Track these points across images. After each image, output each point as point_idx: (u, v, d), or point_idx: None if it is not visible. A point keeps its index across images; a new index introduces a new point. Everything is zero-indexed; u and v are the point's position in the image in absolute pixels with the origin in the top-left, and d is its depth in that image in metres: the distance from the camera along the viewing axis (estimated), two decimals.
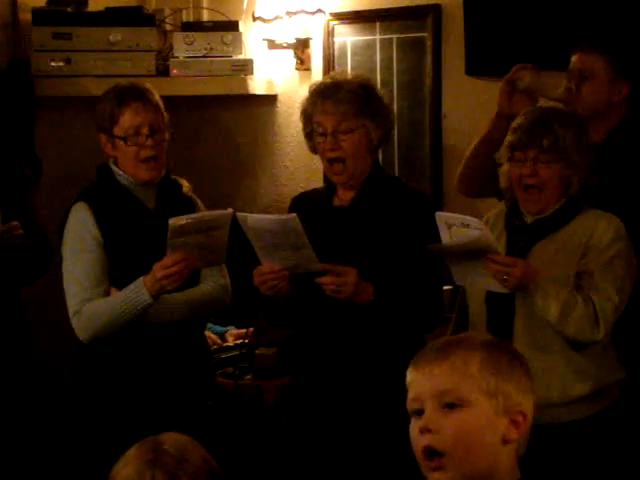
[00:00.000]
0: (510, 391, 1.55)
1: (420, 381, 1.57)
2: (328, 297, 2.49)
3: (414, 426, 1.56)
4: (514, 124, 2.57)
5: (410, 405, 1.58)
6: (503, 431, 1.54)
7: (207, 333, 3.51)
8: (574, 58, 2.96)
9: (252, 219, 2.49)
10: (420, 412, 1.56)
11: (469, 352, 1.57)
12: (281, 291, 2.54)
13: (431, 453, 1.53)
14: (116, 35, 4.08)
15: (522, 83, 2.95)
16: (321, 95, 2.61)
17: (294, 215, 2.44)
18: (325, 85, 2.64)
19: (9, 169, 3.05)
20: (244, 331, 3.75)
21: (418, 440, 1.55)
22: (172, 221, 2.52)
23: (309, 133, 2.67)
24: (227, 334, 3.85)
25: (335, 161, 2.62)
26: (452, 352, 1.57)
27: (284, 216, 2.51)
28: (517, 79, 2.96)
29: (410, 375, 1.60)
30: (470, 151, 3.04)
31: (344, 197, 2.67)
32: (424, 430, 1.54)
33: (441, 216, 2.42)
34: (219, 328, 3.86)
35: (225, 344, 3.79)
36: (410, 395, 1.59)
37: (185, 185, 2.80)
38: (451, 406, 1.53)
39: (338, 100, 2.58)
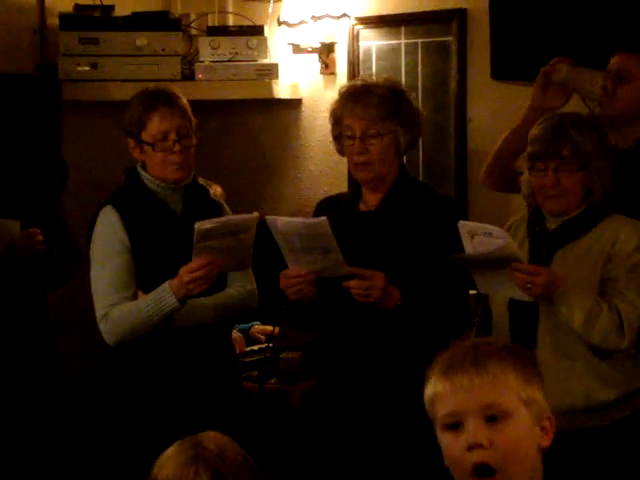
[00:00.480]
0: (539, 398, 1.54)
1: (457, 395, 1.52)
2: (354, 301, 2.49)
3: (456, 442, 1.51)
4: (532, 134, 2.56)
5: (445, 420, 1.53)
6: (538, 439, 1.53)
7: (233, 335, 3.54)
8: (614, 59, 2.94)
9: (282, 222, 2.49)
10: (456, 426, 1.52)
11: (503, 361, 1.53)
12: (307, 295, 2.54)
13: (483, 470, 1.49)
14: (142, 40, 4.11)
15: (558, 76, 2.92)
16: (351, 98, 2.60)
17: (324, 218, 2.44)
18: (355, 88, 2.63)
19: (37, 172, 3.07)
20: (270, 328, 3.75)
21: (465, 457, 1.50)
22: (198, 225, 2.52)
23: (338, 135, 2.67)
24: (252, 330, 3.84)
25: (362, 164, 2.62)
26: (487, 362, 1.52)
27: (314, 219, 2.50)
28: (554, 72, 2.94)
29: (440, 385, 1.54)
30: (500, 143, 3.02)
31: (370, 202, 2.67)
32: (475, 446, 1.49)
33: (464, 225, 2.42)
34: (243, 325, 3.86)
35: (248, 348, 3.78)
36: (444, 409, 1.53)
37: (218, 191, 2.79)
38: (494, 419, 1.50)
39: (368, 104, 2.57)
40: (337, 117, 2.65)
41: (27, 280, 2.98)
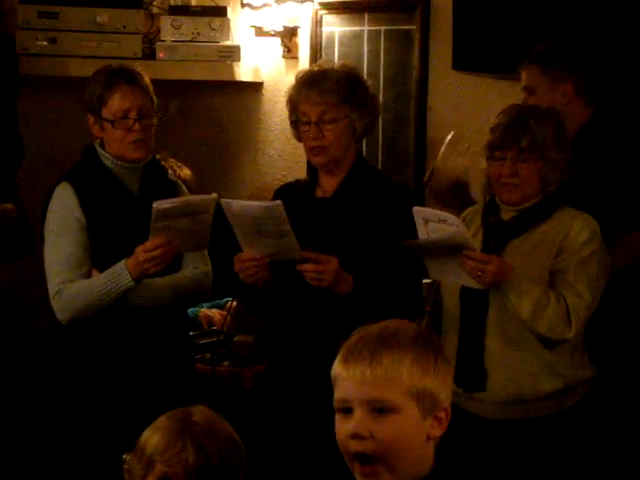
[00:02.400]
0: (436, 389, 1.57)
1: (350, 383, 1.57)
2: (308, 286, 2.50)
3: (342, 426, 1.57)
4: (492, 124, 2.58)
5: (337, 403, 1.59)
6: (428, 430, 1.56)
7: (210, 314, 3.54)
8: (522, 75, 3.05)
9: (236, 205, 2.49)
10: (347, 410, 1.57)
11: (401, 354, 1.56)
12: (261, 279, 2.55)
13: (363, 458, 1.54)
14: (103, 16, 4.05)
15: None
16: (307, 84, 2.62)
17: (279, 202, 2.44)
18: (311, 74, 2.64)
19: None
20: None
21: (347, 443, 1.55)
22: (156, 204, 2.51)
23: (294, 122, 2.68)
24: (226, 306, 3.80)
25: (317, 148, 2.62)
26: (384, 354, 1.56)
27: (269, 203, 2.51)
28: None
29: (338, 369, 1.59)
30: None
31: (327, 188, 2.68)
32: (355, 436, 1.54)
33: (418, 211, 2.43)
34: (217, 301, 3.83)
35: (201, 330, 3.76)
36: (338, 394, 1.59)
37: (187, 174, 2.75)
38: (380, 411, 1.54)
39: (323, 90, 2.59)
40: (293, 103, 2.66)
41: None
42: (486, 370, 2.51)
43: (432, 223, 2.38)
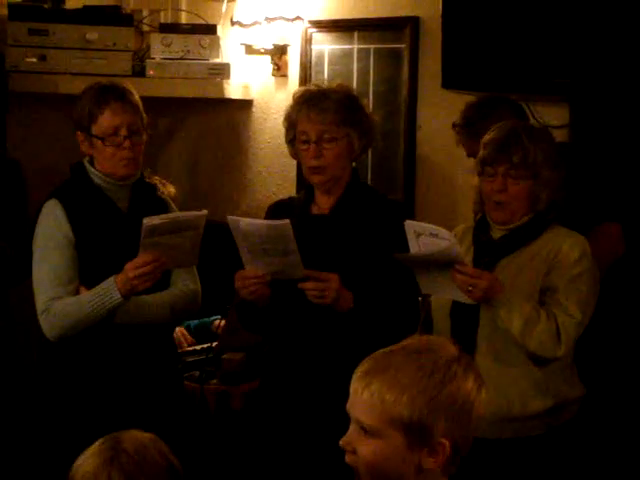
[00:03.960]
0: (433, 424, 1.56)
1: (351, 397, 1.62)
2: (307, 303, 2.49)
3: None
4: (485, 139, 2.59)
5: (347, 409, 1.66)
6: (417, 462, 1.57)
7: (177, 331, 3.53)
8: None
9: (245, 223, 2.48)
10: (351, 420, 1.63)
11: (394, 382, 1.57)
12: (261, 296, 2.54)
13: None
14: (93, 34, 4.07)
15: None
16: (307, 103, 2.61)
17: (287, 221, 2.44)
18: (311, 93, 2.64)
19: (6, 168, 3.03)
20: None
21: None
22: (146, 221, 2.51)
23: (292, 140, 2.68)
24: (214, 324, 3.80)
25: (316, 168, 2.62)
26: (375, 379, 1.59)
27: (277, 221, 2.49)
28: None
29: (352, 379, 1.64)
30: None
31: (323, 205, 2.68)
32: (343, 446, 1.61)
33: (410, 225, 2.43)
34: (205, 319, 3.82)
35: (191, 348, 3.75)
36: (347, 403, 1.65)
37: (171, 191, 2.75)
38: (365, 432, 1.59)
39: (324, 109, 2.59)
40: (292, 121, 2.66)
41: None
42: None
43: (424, 237, 2.38)
